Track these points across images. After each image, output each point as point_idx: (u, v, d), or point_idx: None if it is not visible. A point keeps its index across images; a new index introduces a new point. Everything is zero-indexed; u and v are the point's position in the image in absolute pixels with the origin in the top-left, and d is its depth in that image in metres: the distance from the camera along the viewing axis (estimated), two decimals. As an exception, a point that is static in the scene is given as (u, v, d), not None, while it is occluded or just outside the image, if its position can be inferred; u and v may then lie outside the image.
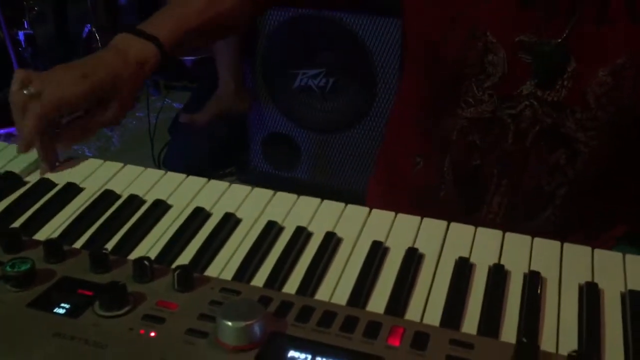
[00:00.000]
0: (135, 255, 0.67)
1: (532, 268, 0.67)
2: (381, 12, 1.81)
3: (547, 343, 0.59)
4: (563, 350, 0.58)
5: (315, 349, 0.53)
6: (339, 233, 0.72)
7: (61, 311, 0.57)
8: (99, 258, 0.61)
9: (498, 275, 0.66)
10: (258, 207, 0.76)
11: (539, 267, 0.67)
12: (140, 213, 0.74)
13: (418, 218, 0.74)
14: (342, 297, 0.63)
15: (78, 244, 0.69)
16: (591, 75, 0.83)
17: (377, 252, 0.68)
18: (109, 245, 0.69)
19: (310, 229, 0.72)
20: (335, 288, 0.65)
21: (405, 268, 0.67)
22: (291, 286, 0.65)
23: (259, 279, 0.65)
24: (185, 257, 0.68)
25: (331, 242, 0.70)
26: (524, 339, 0.54)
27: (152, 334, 0.54)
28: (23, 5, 2.95)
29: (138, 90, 0.87)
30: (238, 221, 0.74)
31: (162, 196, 0.77)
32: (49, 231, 0.72)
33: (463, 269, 0.67)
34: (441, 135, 0.96)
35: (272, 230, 0.72)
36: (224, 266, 0.67)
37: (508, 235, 0.72)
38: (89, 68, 0.83)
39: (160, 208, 0.75)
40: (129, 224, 0.73)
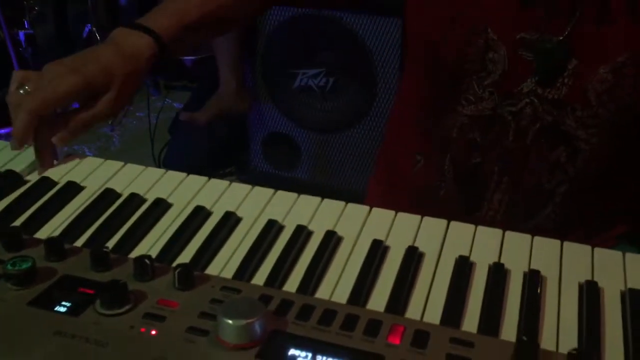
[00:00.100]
0: (136, 253, 0.67)
1: (532, 267, 0.67)
2: (381, 12, 1.81)
3: (547, 341, 0.59)
4: (563, 348, 0.58)
5: (315, 347, 0.53)
6: (339, 232, 0.72)
7: (62, 309, 0.57)
8: (100, 256, 0.61)
9: (498, 273, 0.66)
10: (258, 206, 0.76)
11: (539, 266, 0.67)
12: (140, 212, 0.74)
13: (418, 217, 0.74)
14: (343, 296, 0.63)
15: (79, 243, 0.69)
16: (592, 72, 0.83)
17: (378, 251, 0.69)
18: (110, 243, 0.69)
19: (310, 228, 0.72)
20: (335, 286, 0.65)
21: (405, 267, 0.67)
22: (291, 285, 0.65)
23: (260, 278, 0.65)
24: (185, 256, 0.68)
25: (331, 241, 0.70)
26: (524, 338, 0.53)
27: (153, 332, 0.55)
28: (23, 5, 2.95)
29: (136, 84, 0.87)
30: (238, 220, 0.74)
31: (163, 195, 0.77)
32: (50, 230, 0.72)
33: (463, 268, 0.67)
34: (441, 133, 0.96)
35: (273, 229, 0.72)
36: (225, 265, 0.67)
37: (508, 234, 0.72)
38: (80, 62, 0.83)
39: (160, 207, 0.75)
40: (130, 223, 0.73)
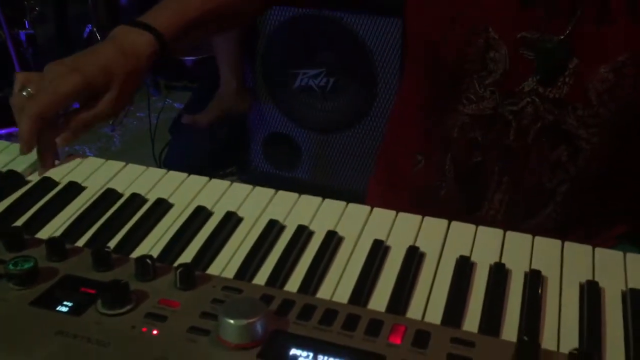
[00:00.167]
0: (137, 253, 0.68)
1: (533, 267, 0.67)
2: (381, 12, 1.81)
3: (548, 341, 0.59)
4: (564, 348, 0.58)
5: (316, 347, 0.53)
6: (340, 232, 0.72)
7: (64, 309, 0.57)
8: (102, 256, 0.61)
9: (499, 273, 0.66)
10: (259, 206, 0.76)
11: (540, 266, 0.67)
12: (142, 212, 0.75)
13: (419, 217, 0.74)
14: (344, 296, 0.63)
15: (80, 243, 0.69)
16: (593, 72, 0.83)
17: (379, 251, 0.69)
18: (111, 243, 0.69)
19: (311, 228, 0.73)
20: (336, 286, 0.65)
21: (406, 267, 0.67)
22: (293, 284, 0.65)
23: (261, 278, 0.65)
24: (187, 256, 0.68)
25: (332, 241, 0.70)
26: (525, 337, 0.54)
27: (155, 332, 0.55)
28: (24, 5, 2.95)
29: (137, 82, 0.86)
30: (239, 220, 0.74)
31: (164, 195, 0.77)
32: (51, 230, 0.72)
33: (464, 268, 0.67)
34: (442, 132, 0.96)
35: (274, 229, 0.72)
36: (226, 265, 0.67)
37: (509, 234, 0.72)
38: (80, 62, 0.83)
39: (162, 207, 0.75)
40: (131, 223, 0.73)
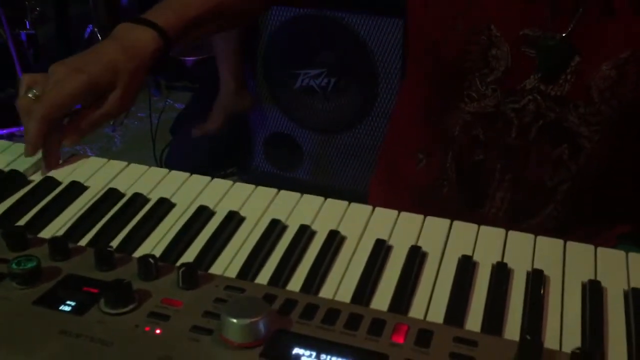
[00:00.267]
0: (140, 253, 0.68)
1: (535, 266, 0.67)
2: (382, 12, 1.82)
3: (551, 341, 0.59)
4: (566, 347, 0.58)
5: (319, 346, 0.53)
6: (343, 231, 0.72)
7: (67, 309, 0.57)
8: (104, 256, 0.62)
9: (501, 273, 0.66)
10: (261, 206, 0.76)
11: (542, 266, 0.67)
12: (144, 211, 0.75)
13: (421, 216, 0.74)
14: (346, 295, 0.63)
15: (83, 242, 0.70)
16: (595, 69, 0.83)
17: (381, 250, 0.69)
18: (114, 243, 0.69)
19: (313, 227, 0.73)
20: (339, 286, 0.65)
21: (408, 266, 0.67)
22: (295, 284, 0.65)
23: (263, 277, 0.65)
24: (189, 255, 0.68)
25: (335, 240, 0.70)
26: (528, 337, 0.54)
27: (157, 331, 0.55)
28: (25, 5, 2.95)
29: (141, 79, 0.86)
30: (242, 219, 0.74)
31: (166, 194, 0.77)
32: (54, 229, 0.72)
33: (466, 267, 0.67)
34: (444, 131, 0.96)
35: (276, 228, 0.72)
36: (228, 264, 0.67)
37: (511, 233, 0.72)
38: (85, 61, 0.83)
39: (164, 206, 0.76)
40: (134, 222, 0.73)
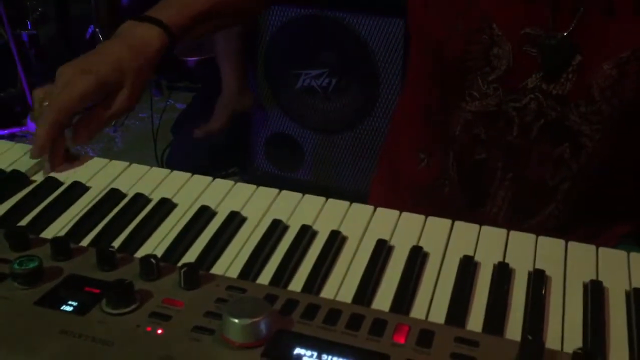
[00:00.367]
0: (141, 253, 0.68)
1: (537, 266, 0.67)
2: (383, 12, 1.82)
3: (552, 341, 0.59)
4: (568, 348, 0.58)
5: (321, 347, 0.53)
6: (344, 231, 0.72)
7: (68, 309, 0.57)
8: (106, 256, 0.62)
9: (502, 273, 0.66)
10: (263, 206, 0.76)
11: (544, 266, 0.67)
12: (146, 211, 0.75)
13: (422, 217, 0.74)
14: (348, 295, 0.63)
15: (85, 242, 0.70)
16: (596, 68, 0.83)
17: (382, 251, 0.69)
18: (116, 243, 0.69)
19: (315, 228, 0.73)
20: (340, 286, 0.65)
21: (410, 266, 0.67)
22: (297, 284, 0.65)
23: (265, 277, 0.66)
24: (191, 255, 0.68)
25: (336, 241, 0.70)
26: (529, 337, 0.54)
27: (159, 332, 0.55)
28: (26, 5, 2.95)
29: (148, 76, 0.87)
30: (243, 220, 0.74)
31: (168, 195, 0.77)
32: (56, 229, 0.72)
33: (467, 267, 0.67)
34: (445, 130, 0.96)
35: (277, 228, 0.72)
36: (230, 264, 0.67)
37: (512, 233, 0.72)
38: (91, 62, 0.83)
39: (166, 206, 0.76)
40: (135, 222, 0.73)
